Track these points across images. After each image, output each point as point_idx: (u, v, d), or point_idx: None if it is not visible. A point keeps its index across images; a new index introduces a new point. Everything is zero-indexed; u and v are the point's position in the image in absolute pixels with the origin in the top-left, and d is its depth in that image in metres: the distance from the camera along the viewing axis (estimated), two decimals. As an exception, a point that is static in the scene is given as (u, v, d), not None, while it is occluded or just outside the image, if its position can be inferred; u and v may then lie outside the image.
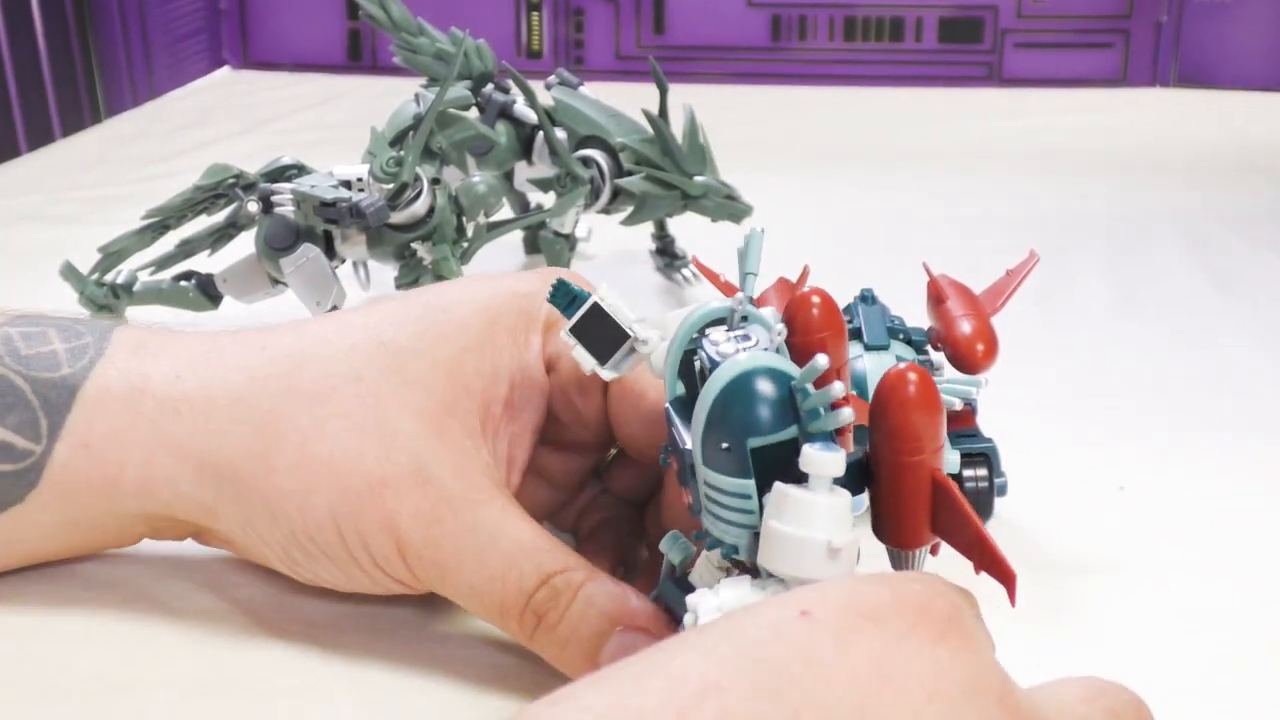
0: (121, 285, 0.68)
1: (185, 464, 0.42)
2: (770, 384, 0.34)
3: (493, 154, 0.75)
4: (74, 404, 0.42)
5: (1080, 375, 0.68)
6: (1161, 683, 0.43)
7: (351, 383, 0.41)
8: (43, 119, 1.11)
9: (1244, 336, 0.72)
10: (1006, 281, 0.55)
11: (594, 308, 0.39)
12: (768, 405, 0.34)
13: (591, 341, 0.39)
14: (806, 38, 1.33)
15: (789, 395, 0.34)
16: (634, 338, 0.39)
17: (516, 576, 0.39)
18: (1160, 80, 1.30)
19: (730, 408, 0.34)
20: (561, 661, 0.40)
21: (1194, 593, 0.48)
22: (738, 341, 0.36)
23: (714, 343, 0.36)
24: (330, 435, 0.41)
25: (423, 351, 0.42)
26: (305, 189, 0.64)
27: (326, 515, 0.40)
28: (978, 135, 1.14)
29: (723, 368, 0.35)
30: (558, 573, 0.39)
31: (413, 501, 0.40)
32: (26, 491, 0.42)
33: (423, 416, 0.41)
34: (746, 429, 0.34)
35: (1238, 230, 0.89)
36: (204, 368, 0.43)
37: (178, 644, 0.43)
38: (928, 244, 0.82)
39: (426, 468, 0.40)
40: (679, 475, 0.37)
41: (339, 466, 0.40)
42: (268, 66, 1.37)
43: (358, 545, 0.40)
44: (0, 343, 0.44)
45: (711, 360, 0.36)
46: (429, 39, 0.77)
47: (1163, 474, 0.57)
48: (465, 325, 0.43)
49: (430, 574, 0.40)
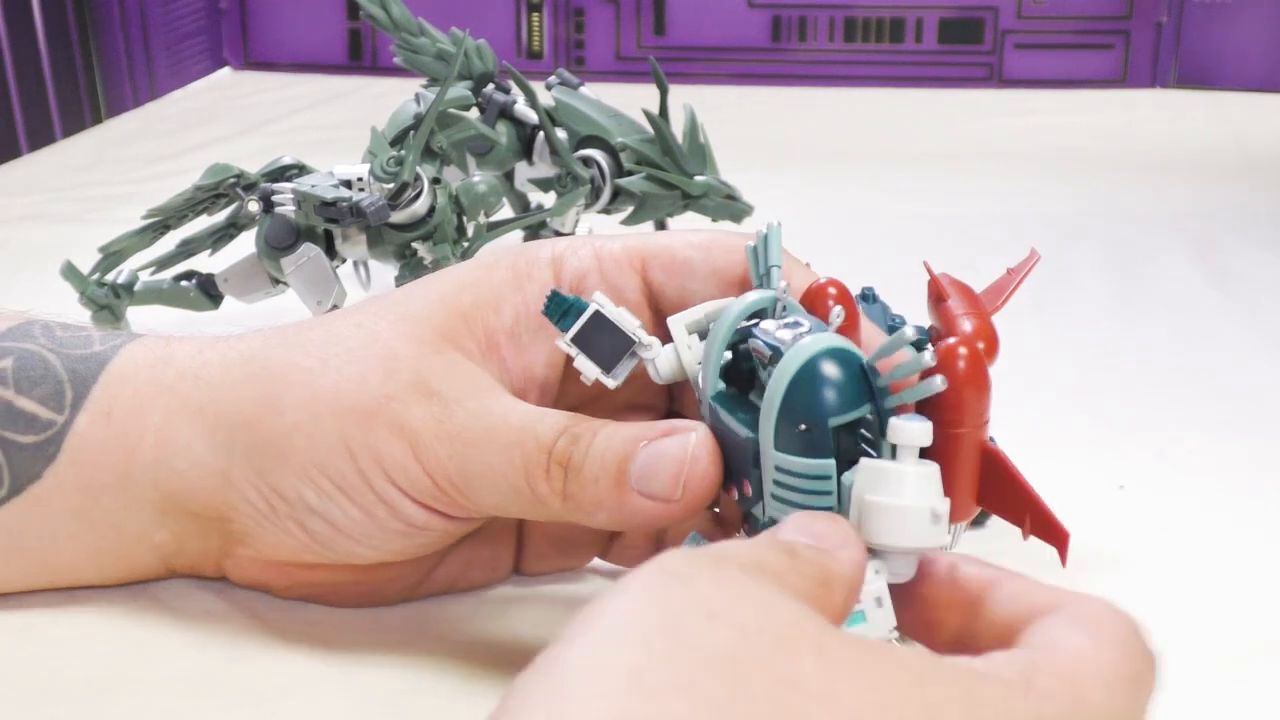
0: (122, 285, 0.68)
1: (201, 427, 0.42)
2: (844, 363, 0.35)
3: (493, 154, 0.75)
4: (101, 376, 0.43)
5: (1080, 374, 0.68)
6: (1161, 682, 0.43)
7: (353, 328, 0.42)
8: (43, 119, 1.11)
9: (1244, 336, 0.72)
10: (1007, 280, 0.55)
11: (595, 315, 0.39)
12: (844, 383, 0.35)
13: (593, 349, 0.39)
14: (807, 39, 1.33)
15: (860, 373, 0.35)
16: (638, 343, 0.39)
17: (533, 437, 0.39)
18: (1160, 81, 1.30)
19: (809, 389, 0.35)
20: (597, 506, 0.38)
21: (1194, 592, 0.48)
22: (791, 328, 0.37)
23: (767, 331, 0.37)
24: (334, 369, 0.41)
25: (418, 292, 0.43)
26: (306, 189, 0.64)
27: (336, 439, 0.40)
28: (978, 136, 1.14)
29: (795, 350, 0.35)
30: (573, 423, 0.39)
31: (420, 407, 0.40)
32: (45, 466, 0.42)
33: (421, 341, 0.41)
34: (827, 408, 0.35)
35: (1238, 230, 0.90)
36: (223, 344, 0.44)
37: (178, 644, 0.43)
38: (928, 243, 0.82)
39: (428, 381, 0.40)
40: (730, 472, 0.38)
41: (344, 392, 0.40)
42: (268, 67, 1.37)
43: (371, 464, 0.40)
44: (40, 328, 0.45)
45: (773, 346, 0.36)
46: (430, 39, 0.77)
47: (1163, 473, 0.57)
48: (463, 267, 0.44)
49: (450, 470, 0.40)
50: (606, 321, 0.39)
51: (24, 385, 0.43)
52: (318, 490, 0.41)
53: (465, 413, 0.40)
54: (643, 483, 0.38)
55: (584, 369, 0.39)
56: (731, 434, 0.37)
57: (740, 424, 0.37)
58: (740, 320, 0.38)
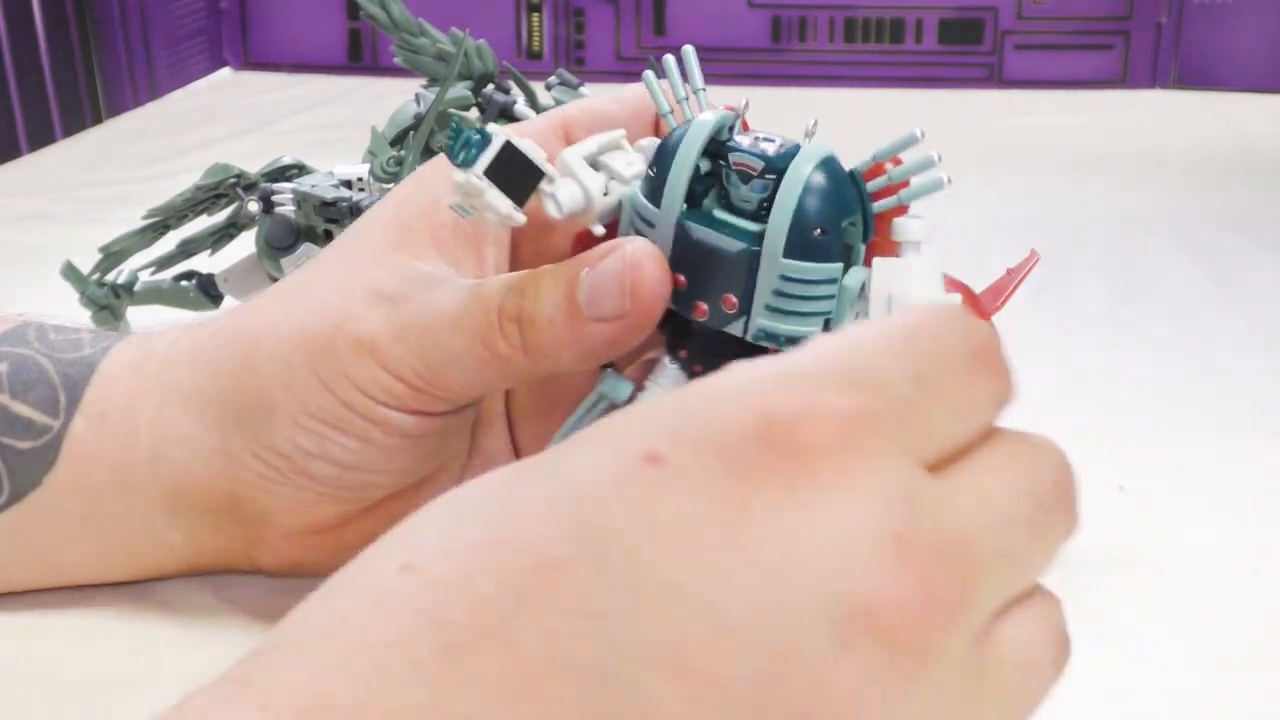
0: (122, 285, 0.68)
1: (191, 411, 0.42)
2: (839, 169, 0.37)
3: (493, 154, 0.75)
4: (92, 378, 0.43)
5: (1080, 374, 0.68)
6: (1162, 682, 0.43)
7: (309, 274, 0.43)
8: (44, 119, 1.11)
9: (1244, 336, 0.72)
10: (1007, 280, 0.55)
11: (505, 146, 0.37)
12: (846, 188, 0.37)
13: (502, 184, 0.37)
14: (807, 39, 1.33)
15: (850, 178, 0.37)
16: (546, 175, 0.38)
17: (479, 303, 0.38)
18: (1160, 81, 1.30)
19: (824, 192, 0.36)
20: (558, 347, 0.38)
21: (1194, 592, 0.48)
22: (770, 141, 0.37)
23: (745, 146, 0.37)
24: (296, 311, 0.41)
25: (363, 226, 0.43)
26: (306, 189, 0.64)
27: (308, 373, 0.40)
28: (978, 136, 1.14)
29: (803, 157, 0.36)
30: (517, 279, 0.39)
31: (374, 316, 0.40)
32: (45, 472, 0.42)
33: (368, 259, 0.42)
34: (841, 210, 0.36)
35: (1238, 231, 0.89)
36: (198, 325, 0.45)
37: (178, 644, 0.43)
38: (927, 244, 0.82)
39: (379, 289, 0.40)
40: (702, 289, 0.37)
41: (306, 328, 0.41)
42: (268, 67, 1.37)
43: (347, 388, 0.40)
44: (33, 331, 0.45)
45: (766, 158, 0.37)
46: (430, 39, 0.77)
47: (1163, 473, 0.57)
48: (398, 188, 0.44)
49: (416, 366, 0.39)
50: (516, 153, 0.37)
51: (19, 390, 0.43)
52: (309, 433, 0.41)
53: (414, 307, 0.40)
54: (594, 308, 0.37)
55: (495, 204, 0.37)
56: (714, 249, 0.37)
57: (730, 236, 0.37)
58: (708, 137, 0.37)
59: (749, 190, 0.37)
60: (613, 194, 0.39)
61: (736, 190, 0.37)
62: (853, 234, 0.37)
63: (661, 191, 0.38)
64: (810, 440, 0.26)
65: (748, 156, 0.37)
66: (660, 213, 0.38)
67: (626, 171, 0.39)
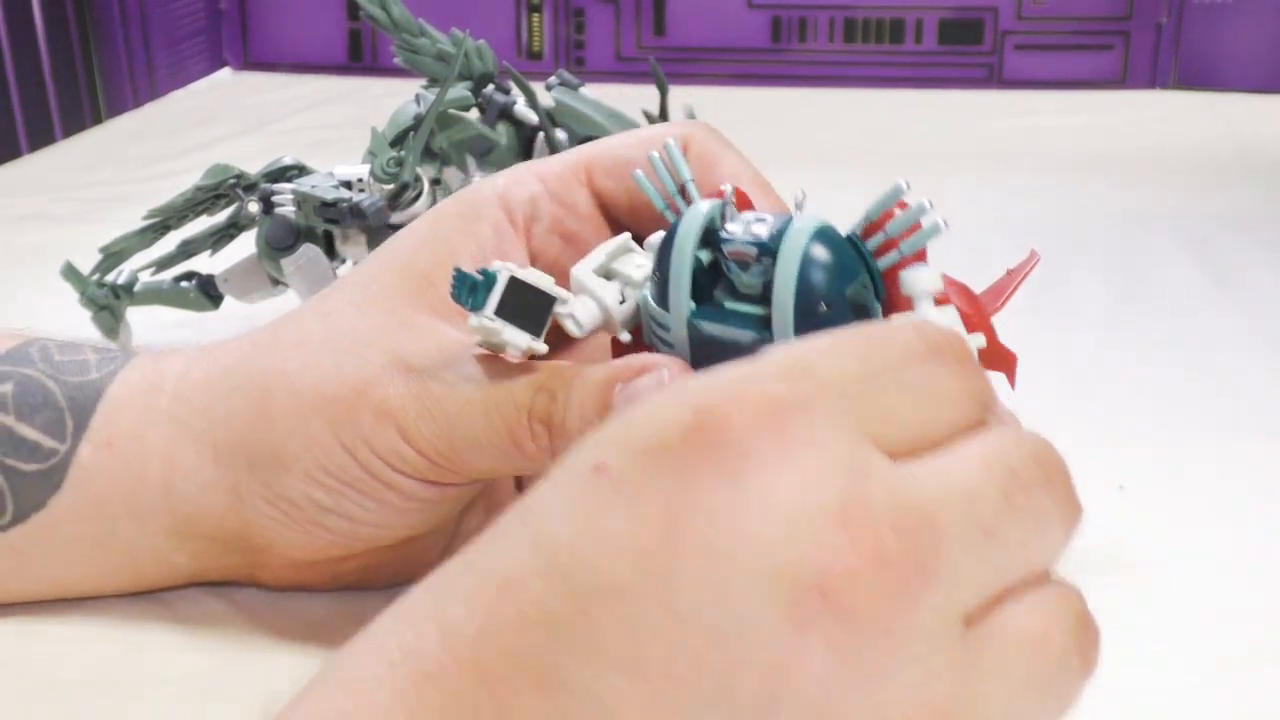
0: (122, 286, 0.68)
1: (203, 453, 0.42)
2: (834, 236, 0.37)
3: (493, 155, 0.75)
4: (99, 404, 0.43)
5: (1080, 375, 0.68)
6: (1162, 682, 0.43)
7: (322, 321, 0.42)
8: (44, 119, 1.11)
9: (1244, 336, 0.72)
10: (1007, 281, 0.55)
11: (511, 281, 0.38)
12: (844, 254, 0.36)
13: (516, 318, 0.38)
14: (807, 39, 1.33)
15: (848, 242, 0.37)
16: (558, 299, 0.38)
17: (510, 399, 0.38)
18: (1160, 82, 1.30)
19: (819, 267, 0.36)
20: None
21: (1194, 593, 0.48)
22: (761, 223, 0.37)
23: (738, 234, 0.36)
24: (312, 366, 0.41)
25: (378, 266, 0.43)
26: (306, 189, 0.64)
27: (328, 435, 0.40)
28: (978, 137, 1.14)
29: (792, 235, 0.36)
30: (547, 378, 0.38)
31: (396, 386, 0.40)
32: (50, 495, 0.42)
33: (389, 316, 0.41)
34: (842, 278, 0.36)
35: (1237, 231, 0.89)
36: (207, 359, 0.44)
37: (178, 644, 0.43)
38: (928, 245, 0.82)
39: (402, 357, 0.40)
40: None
41: (324, 389, 0.40)
42: (268, 67, 1.37)
43: (367, 454, 0.40)
44: (37, 350, 0.44)
45: (759, 244, 0.36)
46: (430, 40, 0.77)
47: (1163, 474, 0.57)
48: (411, 231, 0.43)
49: (439, 445, 0.39)
50: (523, 285, 0.38)
51: (24, 412, 0.43)
52: (325, 490, 0.41)
53: (441, 385, 0.39)
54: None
55: (514, 340, 0.38)
56: (729, 343, 0.37)
57: (741, 328, 0.37)
58: (700, 233, 0.37)
59: (750, 276, 0.36)
60: (629, 300, 0.39)
61: (739, 278, 0.37)
62: (865, 296, 0.37)
63: (667, 293, 0.37)
64: (741, 424, 0.26)
65: (741, 245, 0.36)
66: (670, 315, 0.38)
67: (638, 275, 0.39)
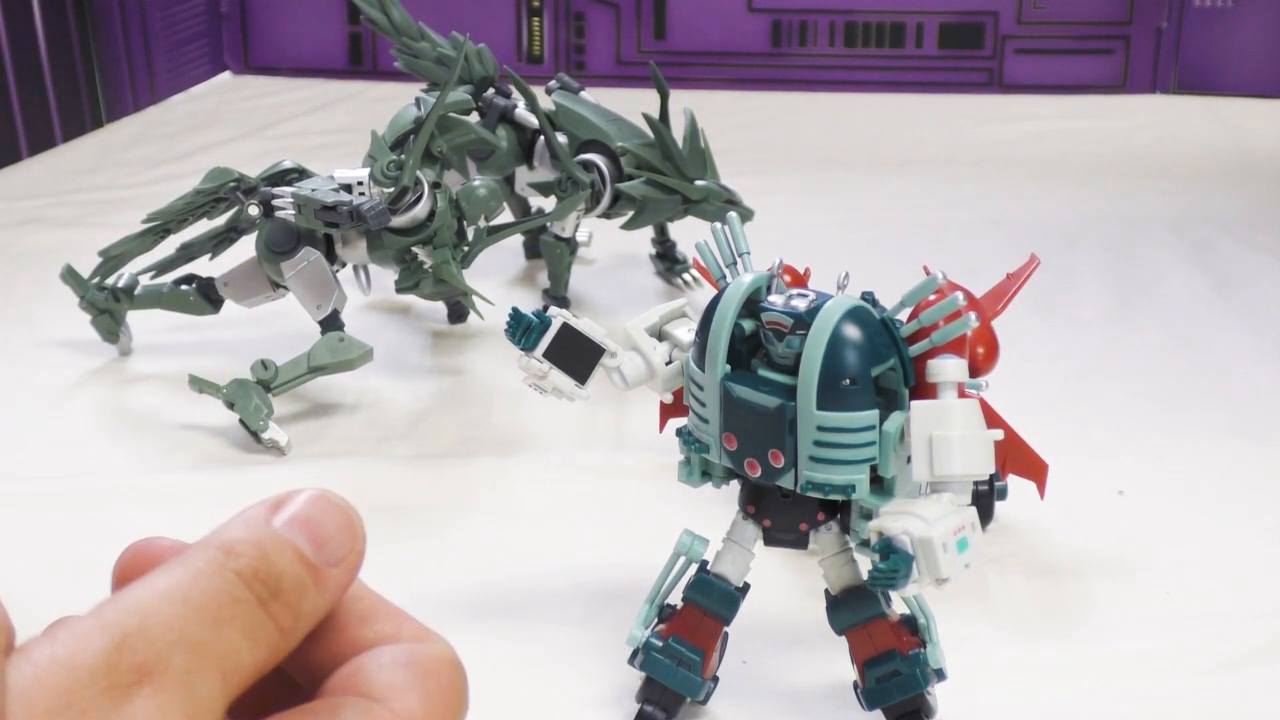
0: (122, 289, 0.68)
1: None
2: (869, 318, 0.38)
3: (493, 158, 0.75)
4: None
5: (1080, 378, 0.68)
6: (1162, 683, 0.43)
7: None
8: (44, 123, 1.11)
9: (1243, 341, 0.72)
10: (1007, 284, 0.55)
11: (563, 328, 0.40)
12: (875, 336, 0.37)
13: (564, 363, 0.40)
14: (807, 43, 1.33)
15: (883, 326, 0.38)
16: (607, 351, 0.40)
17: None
18: (1160, 86, 1.30)
19: (851, 343, 0.37)
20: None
21: (1193, 595, 0.48)
22: (801, 298, 0.38)
23: (779, 304, 0.38)
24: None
25: None
26: (306, 193, 0.64)
27: None
28: (978, 140, 1.14)
29: (827, 310, 0.37)
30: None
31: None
32: None
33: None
34: (870, 358, 0.37)
35: (1237, 235, 0.90)
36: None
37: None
38: (929, 247, 0.82)
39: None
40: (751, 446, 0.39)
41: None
42: (269, 71, 1.37)
43: None
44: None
45: (795, 315, 0.38)
46: (430, 43, 0.77)
47: (1162, 478, 0.57)
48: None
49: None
50: (575, 333, 0.40)
51: None
52: None
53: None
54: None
55: (559, 384, 0.40)
56: (756, 407, 0.38)
57: (766, 394, 0.38)
58: (741, 300, 0.39)
59: (784, 346, 0.38)
60: (676, 362, 0.41)
61: (774, 347, 0.38)
62: (894, 379, 0.38)
63: (704, 355, 0.39)
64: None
65: (778, 315, 0.38)
66: (706, 376, 0.39)
67: (686, 339, 0.41)
